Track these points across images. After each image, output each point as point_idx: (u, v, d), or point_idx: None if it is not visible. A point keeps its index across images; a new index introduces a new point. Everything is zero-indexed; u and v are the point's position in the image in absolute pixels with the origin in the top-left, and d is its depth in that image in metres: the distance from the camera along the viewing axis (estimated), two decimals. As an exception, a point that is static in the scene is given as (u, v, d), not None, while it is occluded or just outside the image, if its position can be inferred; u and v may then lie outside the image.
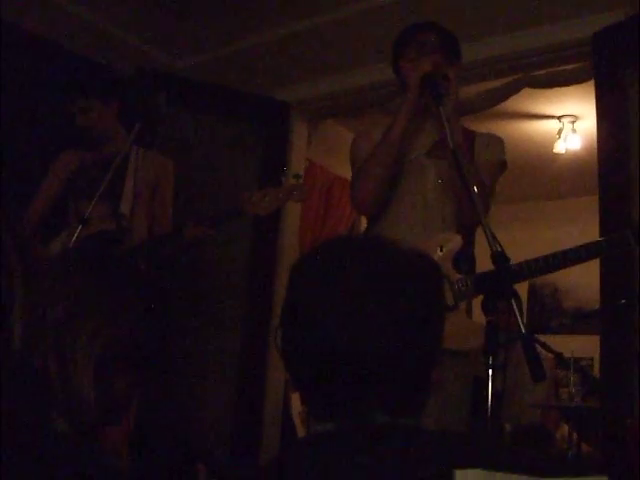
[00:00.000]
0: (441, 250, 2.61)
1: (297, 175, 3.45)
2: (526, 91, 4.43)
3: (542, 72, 4.12)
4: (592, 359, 6.52)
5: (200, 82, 4.90)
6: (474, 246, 2.81)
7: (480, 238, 2.38)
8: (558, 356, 3.68)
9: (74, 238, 3.10)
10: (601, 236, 3.39)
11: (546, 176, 7.11)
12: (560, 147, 6.41)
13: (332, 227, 6.41)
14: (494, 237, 2.10)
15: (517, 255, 2.31)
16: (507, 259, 1.99)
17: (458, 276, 2.57)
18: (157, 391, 3.80)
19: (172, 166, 3.74)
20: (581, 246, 2.49)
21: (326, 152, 5.97)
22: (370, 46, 4.49)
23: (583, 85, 4.22)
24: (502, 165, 2.89)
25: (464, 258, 2.65)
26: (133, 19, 5.20)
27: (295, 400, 5.24)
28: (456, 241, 2.66)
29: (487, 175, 2.76)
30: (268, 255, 4.59)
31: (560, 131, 6.35)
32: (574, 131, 6.30)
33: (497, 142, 2.91)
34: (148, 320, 3.40)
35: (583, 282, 6.47)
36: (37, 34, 4.43)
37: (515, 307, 1.92)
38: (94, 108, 3.53)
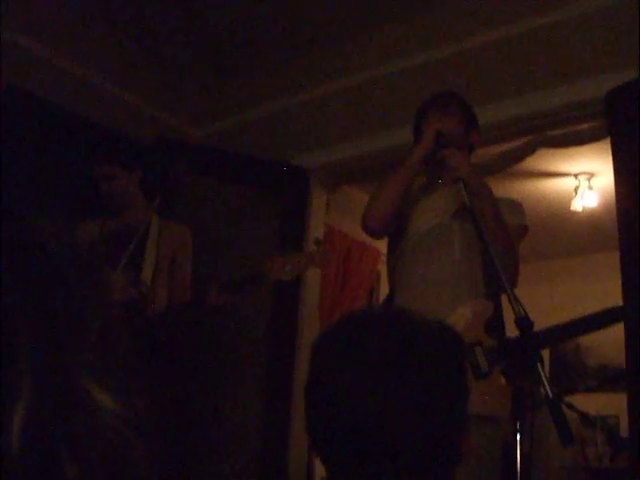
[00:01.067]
0: (473, 316, 2.61)
1: (318, 241, 3.47)
2: (541, 150, 4.46)
3: (558, 132, 4.14)
4: (618, 417, 6.43)
5: (219, 150, 4.97)
6: (502, 309, 2.81)
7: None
8: (584, 416, 3.64)
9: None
10: (624, 292, 3.39)
11: (564, 233, 7.11)
12: (577, 204, 6.42)
13: (351, 291, 6.42)
14: (518, 301, 2.11)
15: (539, 314, 2.31)
16: (531, 323, 2.00)
17: (491, 342, 2.57)
18: (179, 457, 3.80)
19: (190, 235, 3.78)
20: (606, 311, 2.49)
21: (344, 217, 6.01)
22: (387, 111, 4.55)
23: (599, 142, 4.24)
24: (524, 230, 2.92)
25: (495, 323, 2.66)
26: (153, 89, 5.30)
27: (318, 466, 5.19)
28: (487, 307, 2.67)
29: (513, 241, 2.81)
30: (289, 320, 4.58)
31: (577, 188, 6.36)
32: (590, 188, 6.32)
33: (517, 207, 2.96)
34: (169, 390, 3.41)
35: (606, 339, 6.42)
36: (60, 104, 4.52)
37: (541, 371, 1.91)
38: (118, 176, 3.59)
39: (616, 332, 3.51)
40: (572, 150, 4.95)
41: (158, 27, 4.89)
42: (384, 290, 6.39)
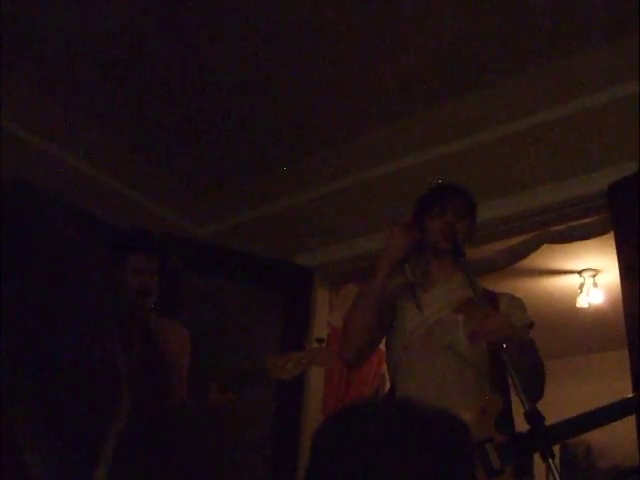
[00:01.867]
0: (483, 413, 2.56)
1: (320, 339, 3.46)
2: (545, 247, 4.45)
3: (561, 227, 4.14)
4: (632, 521, 6.25)
5: (220, 247, 4.98)
6: (511, 405, 2.76)
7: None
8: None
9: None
10: (634, 390, 3.32)
11: (570, 331, 7.05)
12: (583, 302, 6.39)
13: (356, 391, 6.31)
14: (527, 395, 2.07)
15: (546, 414, 2.26)
16: (542, 418, 1.96)
17: (501, 438, 2.51)
18: None
19: (188, 335, 3.76)
20: (616, 403, 2.44)
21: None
22: (388, 210, 4.57)
23: (602, 238, 4.24)
24: (530, 326, 2.88)
25: (505, 419, 2.60)
26: (157, 188, 5.36)
27: None
28: (497, 403, 2.62)
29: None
30: (292, 420, 4.50)
31: (582, 285, 6.34)
32: (595, 285, 6.30)
33: (520, 304, 2.93)
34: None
35: (618, 440, 6.28)
36: (66, 200, 4.55)
37: (553, 467, 1.86)
38: (153, 270, 3.58)
39: (628, 433, 3.43)
40: (576, 247, 4.95)
41: (163, 129, 4.96)
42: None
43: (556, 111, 4.09)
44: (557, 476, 1.83)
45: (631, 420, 3.08)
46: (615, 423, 2.47)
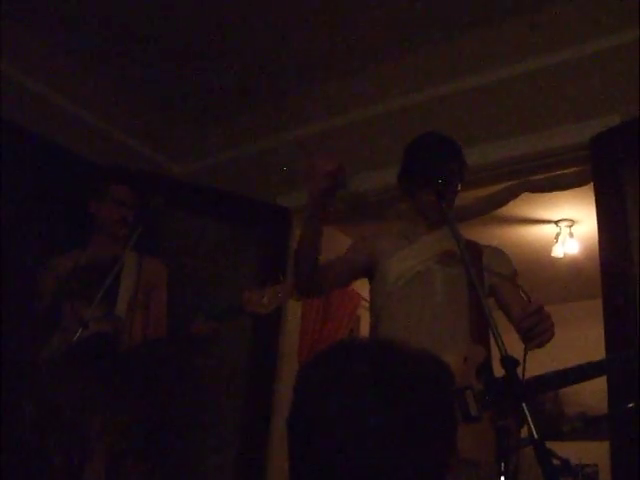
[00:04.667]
0: (465, 361, 2.59)
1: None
2: (523, 196, 4.47)
3: (541, 177, 4.15)
4: (597, 465, 6.39)
5: (201, 186, 4.97)
6: (491, 354, 2.80)
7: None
8: (565, 463, 3.59)
9: (75, 339, 3.07)
10: (606, 341, 3.37)
11: (545, 280, 7.11)
12: (558, 251, 6.44)
13: (331, 331, 6.36)
14: (502, 341, 2.09)
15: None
16: (516, 362, 1.98)
17: (481, 386, 2.54)
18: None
19: (165, 270, 3.77)
20: (591, 364, 2.49)
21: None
22: (369, 153, 4.56)
23: (579, 190, 4.26)
24: (514, 275, 2.92)
25: (485, 368, 2.64)
26: (137, 125, 5.30)
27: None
28: (480, 352, 2.66)
29: (515, 294, 2.81)
30: (269, 354, 4.54)
31: (557, 235, 6.39)
32: (571, 235, 6.34)
33: (504, 256, 2.97)
34: (152, 416, 3.37)
35: (586, 387, 6.39)
36: (45, 136, 4.51)
37: (527, 411, 1.88)
38: (135, 203, 3.66)
39: (596, 381, 3.48)
40: (553, 197, 4.97)
41: (145, 67, 4.89)
42: (364, 334, 6.37)
43: (542, 61, 4.07)
44: (530, 420, 1.85)
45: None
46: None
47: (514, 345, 2.16)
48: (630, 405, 2.83)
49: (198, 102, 5.26)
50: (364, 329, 6.48)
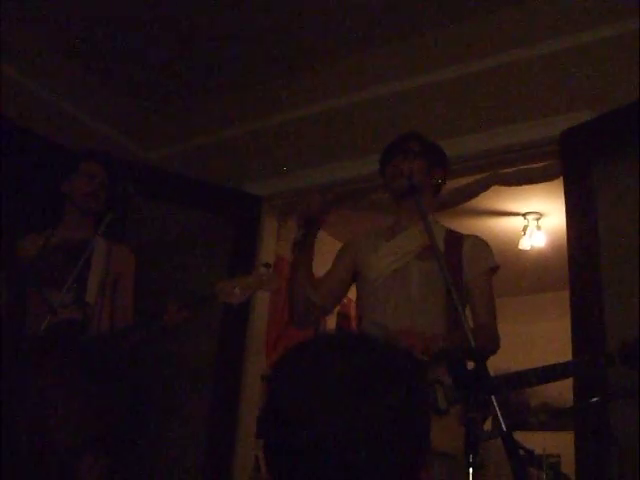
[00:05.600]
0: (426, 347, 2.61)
1: (267, 264, 3.50)
2: (492, 188, 4.49)
3: (511, 170, 4.18)
4: (559, 456, 6.46)
5: (171, 173, 4.93)
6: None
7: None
8: (530, 453, 3.64)
9: (44, 326, 3.04)
10: (573, 332, 3.41)
11: (511, 272, 7.17)
12: (525, 244, 6.50)
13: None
14: (471, 334, 2.12)
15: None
16: (485, 355, 2.00)
17: (449, 380, 2.56)
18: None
19: (134, 258, 3.75)
20: (558, 365, 2.52)
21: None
22: (341, 143, 4.56)
23: (547, 183, 4.29)
24: (494, 270, 2.97)
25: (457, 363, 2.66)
26: (105, 109, 5.25)
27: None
28: (436, 340, 2.67)
29: (482, 290, 2.89)
30: (236, 343, 4.52)
31: (525, 228, 6.44)
32: (539, 228, 6.40)
33: (484, 247, 2.99)
34: (119, 404, 3.37)
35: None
36: (14, 119, 4.47)
37: (495, 403, 1.90)
38: (103, 175, 3.65)
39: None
40: (521, 190, 5.00)
41: (114, 49, 4.84)
42: (331, 325, 6.39)
43: (514, 54, 4.09)
44: (499, 412, 1.87)
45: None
46: (548, 362, 2.55)
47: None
48: (594, 399, 2.88)
49: (168, 88, 5.23)
50: (331, 321, 6.49)
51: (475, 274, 2.89)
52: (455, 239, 2.95)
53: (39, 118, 4.69)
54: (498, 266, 2.96)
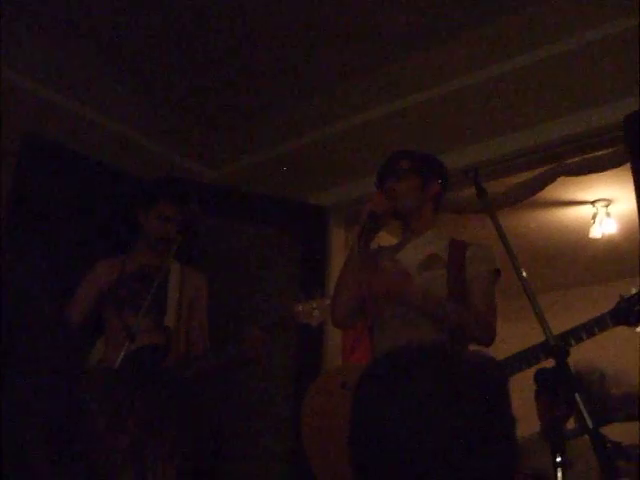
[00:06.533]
0: None
1: None
2: (558, 179, 4.44)
3: (577, 160, 4.12)
4: None
5: (236, 190, 4.97)
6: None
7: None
8: (617, 446, 3.57)
9: (123, 353, 3.08)
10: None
11: (584, 261, 7.07)
12: (596, 232, 6.39)
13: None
14: (550, 330, 2.10)
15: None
16: (567, 353, 1.98)
17: None
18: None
19: (206, 280, 3.79)
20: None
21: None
22: (401, 147, 4.54)
23: (614, 169, 4.22)
24: (496, 273, 2.94)
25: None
26: (168, 132, 5.34)
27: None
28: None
29: (481, 285, 2.88)
30: (314, 360, 4.51)
31: (594, 216, 6.34)
32: (608, 215, 6.29)
33: (484, 254, 2.96)
34: (209, 433, 3.39)
35: (629, 367, 6.33)
36: (82, 151, 4.58)
37: (580, 401, 1.89)
38: (178, 217, 3.62)
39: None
40: (588, 178, 4.92)
41: (174, 72, 4.93)
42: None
43: (572, 42, 4.04)
44: (584, 410, 1.85)
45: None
46: (626, 351, 2.52)
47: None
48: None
49: (226, 105, 5.29)
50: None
51: (475, 274, 2.89)
52: (459, 247, 2.97)
53: (96, 144, 4.80)
54: (499, 270, 2.93)
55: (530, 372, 2.66)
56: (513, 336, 3.05)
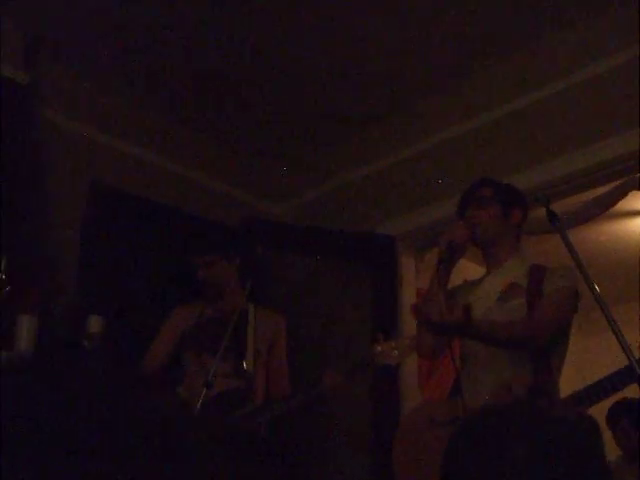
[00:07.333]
0: (508, 390, 2.63)
1: None
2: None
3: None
4: None
5: (304, 227, 4.99)
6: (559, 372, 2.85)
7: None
8: None
9: (201, 400, 3.08)
10: None
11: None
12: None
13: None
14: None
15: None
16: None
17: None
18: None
19: (284, 321, 3.79)
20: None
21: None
22: (467, 173, 4.50)
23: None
24: (575, 293, 2.87)
25: (537, 390, 2.66)
26: (229, 170, 5.38)
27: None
28: (522, 379, 2.71)
29: (554, 298, 2.82)
30: (392, 400, 4.43)
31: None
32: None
33: (567, 271, 2.90)
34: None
35: None
36: (151, 198, 4.66)
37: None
38: (217, 263, 3.63)
39: None
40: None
41: (229, 112, 4.98)
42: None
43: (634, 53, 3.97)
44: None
45: None
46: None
47: None
48: None
49: (284, 140, 5.31)
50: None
51: (550, 289, 2.84)
52: (538, 271, 2.92)
53: (160, 187, 4.87)
54: (578, 292, 2.85)
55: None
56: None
